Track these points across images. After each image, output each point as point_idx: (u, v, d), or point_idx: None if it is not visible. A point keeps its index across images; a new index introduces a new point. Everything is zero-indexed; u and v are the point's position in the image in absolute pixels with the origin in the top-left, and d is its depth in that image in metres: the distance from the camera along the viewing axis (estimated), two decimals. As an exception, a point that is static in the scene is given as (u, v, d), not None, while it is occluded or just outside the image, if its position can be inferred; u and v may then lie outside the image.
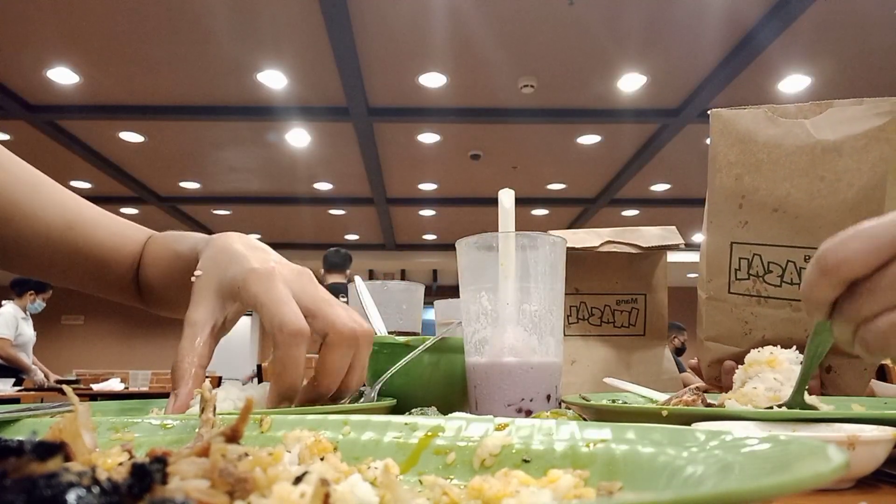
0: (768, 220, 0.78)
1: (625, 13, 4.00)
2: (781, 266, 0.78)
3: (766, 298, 0.79)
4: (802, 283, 0.46)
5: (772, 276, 0.79)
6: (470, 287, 0.65)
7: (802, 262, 0.77)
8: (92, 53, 4.52)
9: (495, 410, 0.61)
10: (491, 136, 6.04)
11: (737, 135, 0.78)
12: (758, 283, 0.80)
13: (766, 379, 0.59)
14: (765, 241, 0.79)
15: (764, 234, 0.79)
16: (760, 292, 0.80)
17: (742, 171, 0.78)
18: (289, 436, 0.35)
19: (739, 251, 0.80)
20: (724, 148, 0.79)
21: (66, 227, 0.77)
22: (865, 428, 0.42)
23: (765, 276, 0.79)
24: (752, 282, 0.80)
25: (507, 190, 0.68)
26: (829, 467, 0.18)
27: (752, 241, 0.79)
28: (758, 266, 0.79)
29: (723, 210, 0.81)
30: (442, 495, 0.26)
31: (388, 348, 0.71)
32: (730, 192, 0.79)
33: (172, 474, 0.21)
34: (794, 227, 0.77)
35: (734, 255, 0.81)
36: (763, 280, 0.79)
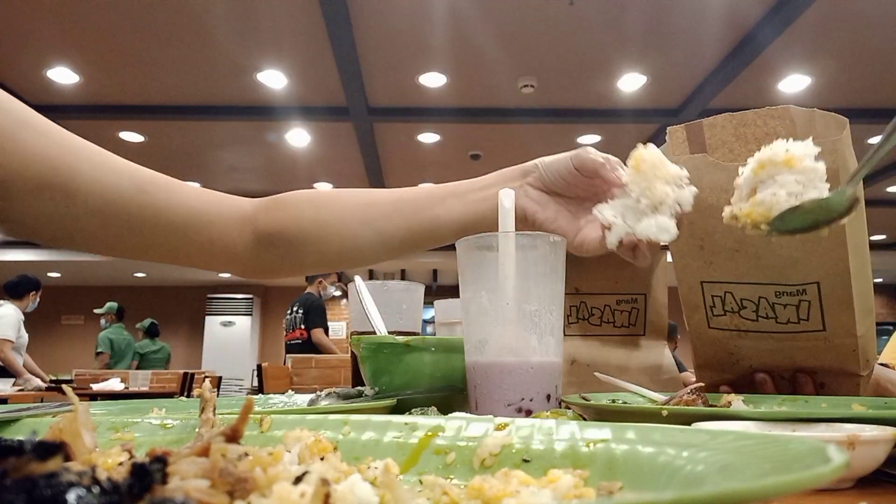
0: (731, 259, 0.76)
1: (625, 13, 4.01)
2: (754, 302, 0.76)
3: (745, 332, 0.78)
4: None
5: (747, 312, 0.77)
6: (470, 287, 0.65)
7: (774, 298, 0.74)
8: (92, 53, 4.52)
9: (495, 410, 0.61)
10: (491, 136, 6.04)
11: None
12: (735, 318, 0.78)
13: (785, 182, 0.53)
14: (732, 280, 0.76)
15: (730, 272, 0.76)
16: (739, 327, 0.78)
17: (695, 217, 0.74)
18: (289, 436, 0.35)
19: (710, 289, 0.78)
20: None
21: (137, 191, 0.74)
22: (865, 428, 0.42)
23: (740, 312, 0.77)
24: (729, 318, 0.78)
25: (507, 190, 0.68)
26: (829, 467, 0.18)
27: (720, 280, 0.77)
28: (731, 303, 0.77)
29: (685, 251, 0.79)
30: (442, 495, 0.26)
31: (388, 348, 0.71)
32: (688, 234, 0.77)
33: (172, 474, 0.21)
34: (757, 266, 0.74)
35: (706, 293, 0.79)
36: (739, 315, 0.77)
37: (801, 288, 0.72)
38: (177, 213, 0.77)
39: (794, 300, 0.73)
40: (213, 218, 0.80)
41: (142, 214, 0.74)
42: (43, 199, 0.69)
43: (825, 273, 0.70)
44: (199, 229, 0.79)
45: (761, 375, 0.79)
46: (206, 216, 0.80)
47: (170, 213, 0.76)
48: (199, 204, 0.79)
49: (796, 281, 0.72)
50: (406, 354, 0.70)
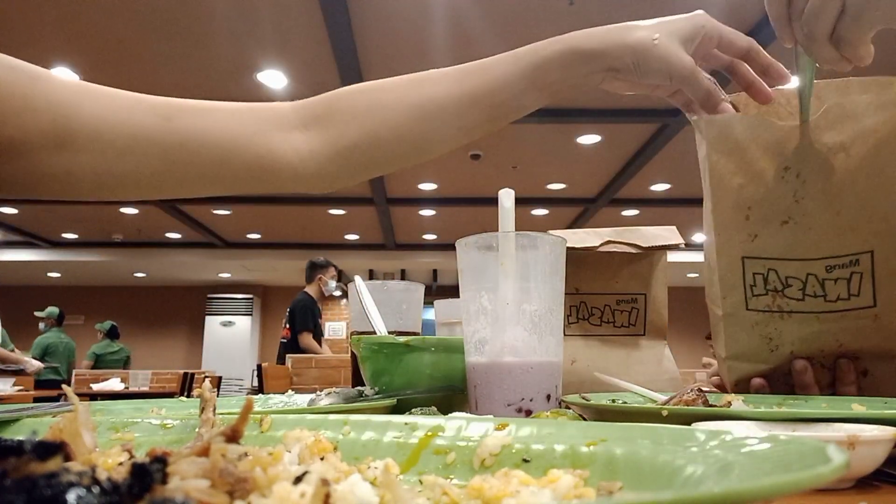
0: (779, 232, 0.71)
1: (625, 13, 4.00)
2: (801, 279, 0.71)
3: (788, 313, 0.72)
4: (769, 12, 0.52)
5: (792, 290, 0.71)
6: (470, 287, 0.65)
7: (825, 273, 0.70)
8: (92, 53, 4.52)
9: (495, 410, 0.61)
10: (491, 136, 6.03)
11: (733, 143, 0.72)
12: (777, 297, 0.72)
13: None
14: (778, 256, 0.71)
15: (776, 246, 0.71)
16: (782, 307, 0.72)
17: (744, 182, 0.71)
18: (289, 436, 0.35)
19: (752, 266, 0.73)
20: (721, 157, 0.72)
21: (163, 119, 0.70)
22: (865, 428, 0.41)
23: (784, 291, 0.72)
24: (770, 297, 0.72)
25: (506, 189, 0.68)
26: (829, 467, 0.18)
27: (765, 256, 0.72)
28: (775, 281, 0.72)
29: (729, 224, 0.73)
30: (442, 495, 0.26)
31: (388, 348, 0.71)
32: (734, 204, 0.72)
33: (172, 474, 0.21)
34: (808, 238, 0.70)
35: (747, 270, 0.73)
36: (783, 294, 0.72)
37: (854, 258, 0.69)
38: (212, 136, 0.72)
39: (845, 273, 0.69)
40: (254, 133, 0.74)
41: (174, 144, 0.70)
42: (68, 152, 0.65)
43: (879, 239, 0.67)
44: (240, 149, 0.73)
45: (801, 362, 0.72)
46: (245, 133, 0.74)
47: (204, 137, 0.72)
48: (234, 123, 0.74)
49: (849, 251, 0.69)
50: (406, 354, 0.70)
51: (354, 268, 10.34)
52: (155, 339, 12.13)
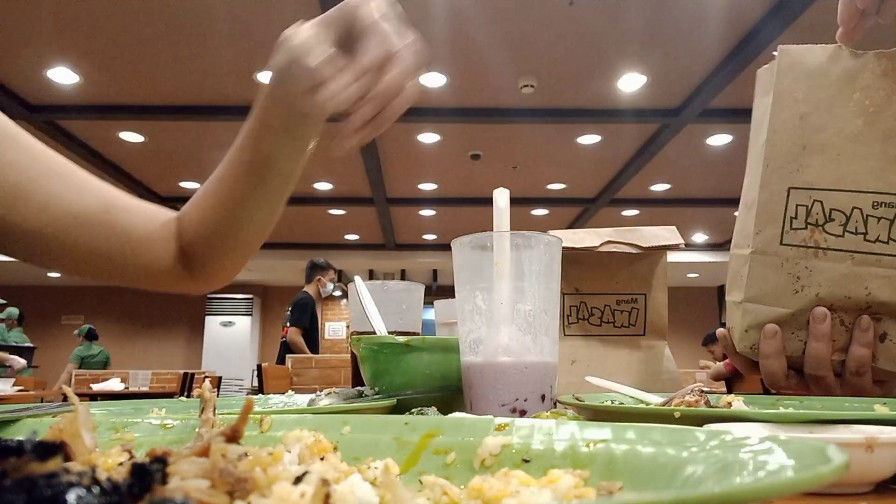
0: (834, 162, 0.71)
1: (625, 13, 4.01)
2: (845, 213, 0.70)
3: (824, 250, 0.71)
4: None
5: (833, 225, 0.71)
6: (465, 287, 0.65)
7: (870, 209, 0.69)
8: (92, 53, 4.52)
9: (490, 410, 0.61)
10: (491, 136, 6.04)
11: (806, 70, 0.72)
12: (816, 232, 0.71)
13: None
14: (828, 186, 0.71)
15: (827, 177, 0.71)
16: (819, 243, 0.71)
17: (809, 110, 0.71)
18: (289, 436, 0.35)
19: (797, 197, 0.72)
20: (789, 84, 0.72)
21: (102, 209, 0.75)
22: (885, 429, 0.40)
23: (825, 225, 0.71)
24: (809, 231, 0.72)
25: (501, 189, 0.68)
26: (829, 467, 0.18)
27: (813, 186, 0.72)
28: (817, 214, 0.71)
29: (782, 153, 0.73)
30: (442, 495, 0.26)
31: (388, 348, 0.71)
32: (792, 133, 0.72)
33: (172, 474, 0.21)
34: (862, 170, 0.70)
35: (791, 201, 0.73)
36: (823, 229, 0.71)
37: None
38: (132, 236, 0.77)
39: (889, 213, 0.69)
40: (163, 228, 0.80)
41: (103, 234, 0.75)
42: (17, 211, 0.70)
43: None
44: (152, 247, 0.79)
45: (821, 310, 0.71)
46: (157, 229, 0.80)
47: (126, 234, 0.77)
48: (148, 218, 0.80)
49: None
50: (406, 354, 0.70)
51: (354, 268, 10.34)
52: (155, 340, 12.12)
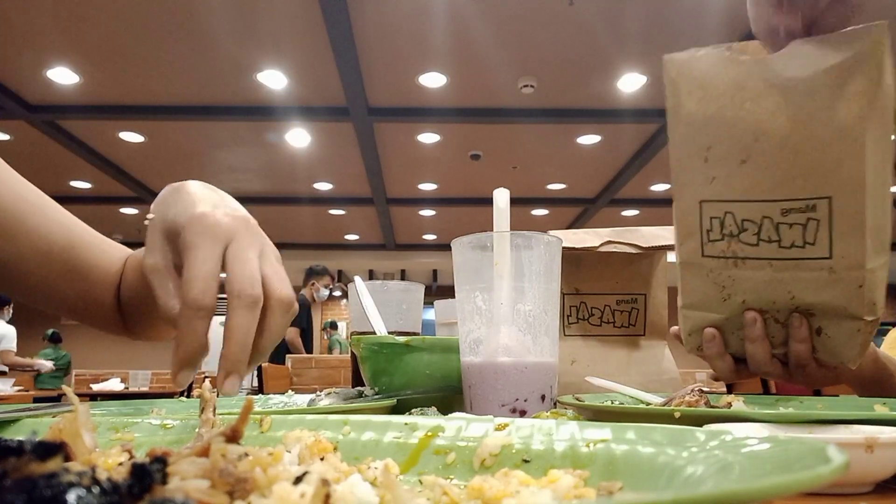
0: (737, 173, 0.70)
1: (625, 13, 4.01)
2: (756, 223, 0.70)
3: (742, 259, 0.71)
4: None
5: (747, 235, 0.70)
6: (465, 287, 0.65)
7: (780, 217, 0.69)
8: (92, 53, 4.52)
9: (490, 410, 0.61)
10: (491, 136, 6.04)
11: (695, 80, 0.71)
12: (733, 243, 0.71)
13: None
14: (736, 198, 0.70)
15: (734, 189, 0.70)
16: (736, 253, 0.71)
17: (704, 122, 0.70)
18: (289, 436, 0.35)
19: (710, 210, 0.72)
20: (682, 96, 0.72)
21: (68, 245, 0.76)
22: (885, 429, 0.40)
23: (740, 235, 0.71)
24: (726, 242, 0.72)
25: (501, 189, 0.68)
26: (829, 468, 0.18)
27: (722, 199, 0.71)
28: (731, 225, 0.71)
29: (688, 166, 0.73)
30: (442, 495, 0.26)
31: (388, 348, 0.71)
32: (693, 145, 0.72)
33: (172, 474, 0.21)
34: (766, 179, 0.69)
35: (704, 214, 0.72)
36: (738, 239, 0.71)
37: (811, 203, 0.67)
38: (89, 274, 0.78)
39: (801, 218, 0.68)
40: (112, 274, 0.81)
41: (64, 270, 0.76)
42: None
43: (838, 187, 0.65)
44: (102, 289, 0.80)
45: (751, 314, 0.72)
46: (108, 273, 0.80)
47: (84, 272, 0.77)
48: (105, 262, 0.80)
49: (806, 194, 0.67)
50: (406, 354, 0.70)
51: (354, 268, 10.34)
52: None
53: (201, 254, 0.49)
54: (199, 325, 0.48)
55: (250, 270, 0.50)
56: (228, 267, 0.50)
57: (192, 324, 0.47)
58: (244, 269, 0.50)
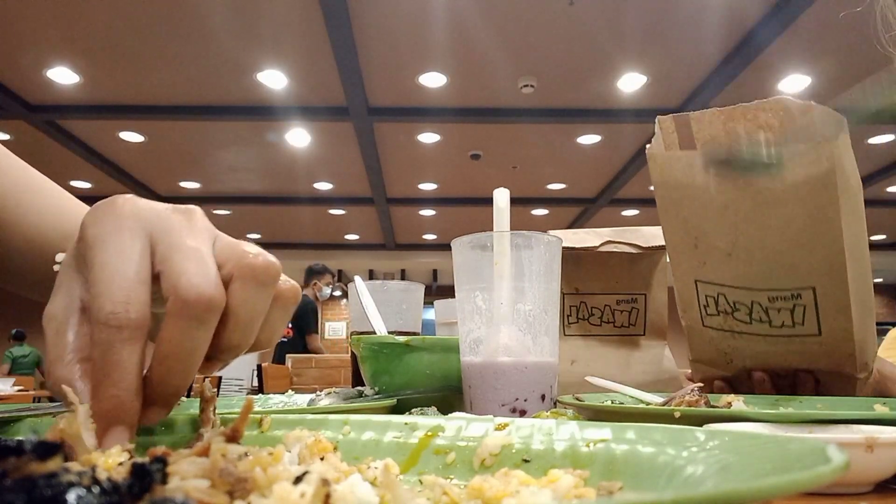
0: (724, 262, 0.73)
1: (625, 13, 4.01)
2: (747, 305, 0.74)
3: (739, 333, 0.76)
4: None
5: (740, 314, 0.75)
6: (465, 287, 0.65)
7: (767, 302, 0.72)
8: (92, 53, 4.52)
9: (490, 410, 0.61)
10: (491, 136, 6.04)
11: (675, 178, 0.74)
12: (728, 319, 0.76)
13: None
14: (726, 283, 0.74)
15: (723, 275, 0.74)
16: (733, 328, 0.76)
17: (689, 214, 0.74)
18: (289, 436, 0.35)
19: (704, 289, 0.76)
20: (667, 190, 0.75)
21: (61, 237, 0.67)
22: (885, 429, 0.40)
23: (733, 314, 0.75)
24: (722, 318, 0.76)
25: (501, 189, 0.68)
26: (829, 467, 0.18)
27: (713, 281, 0.75)
28: (724, 304, 0.75)
29: (680, 250, 0.77)
30: (442, 495, 0.26)
31: (388, 348, 0.71)
32: (683, 233, 0.76)
33: (172, 474, 0.21)
34: (751, 272, 0.72)
35: (700, 292, 0.77)
36: (732, 317, 0.75)
37: (796, 293, 0.70)
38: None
39: (788, 304, 0.71)
40: None
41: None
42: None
43: (821, 277, 0.68)
44: None
45: (759, 374, 0.77)
46: None
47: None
48: None
49: (790, 286, 0.70)
50: (406, 354, 0.70)
51: (354, 268, 10.33)
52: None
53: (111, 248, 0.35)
54: (126, 354, 0.32)
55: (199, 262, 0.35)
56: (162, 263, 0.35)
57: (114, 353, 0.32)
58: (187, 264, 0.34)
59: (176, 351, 0.34)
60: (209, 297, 0.34)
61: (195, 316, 0.33)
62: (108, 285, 0.33)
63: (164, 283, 0.34)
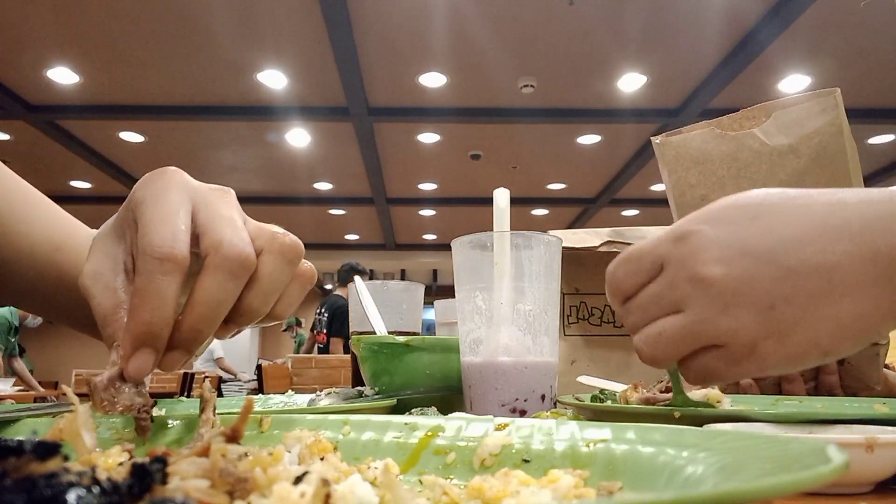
0: None
1: (625, 13, 4.00)
2: None
3: None
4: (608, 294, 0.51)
5: None
6: (465, 287, 0.65)
7: None
8: (92, 53, 4.52)
9: (490, 410, 0.61)
10: (491, 136, 6.04)
11: (691, 158, 0.79)
12: None
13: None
14: None
15: None
16: None
17: (706, 192, 0.79)
18: (289, 436, 0.35)
19: None
20: (682, 173, 0.81)
21: (53, 248, 0.68)
22: (885, 429, 0.40)
23: None
24: None
25: (501, 189, 0.68)
26: (829, 467, 0.18)
27: None
28: None
29: None
30: (442, 495, 0.26)
31: (388, 348, 0.71)
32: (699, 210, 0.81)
33: (172, 474, 0.21)
34: None
35: None
36: None
37: None
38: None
39: None
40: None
41: (51, 274, 0.68)
42: None
43: None
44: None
45: None
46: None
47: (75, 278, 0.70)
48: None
49: None
50: (406, 354, 0.70)
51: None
52: (155, 339, 12.11)
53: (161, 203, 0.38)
54: (165, 285, 0.36)
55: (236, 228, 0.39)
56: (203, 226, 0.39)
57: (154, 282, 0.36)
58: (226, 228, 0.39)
59: (208, 299, 0.37)
60: (246, 256, 0.38)
61: (231, 270, 0.38)
62: (156, 226, 0.37)
63: (205, 241, 0.38)
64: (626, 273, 0.49)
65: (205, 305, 0.37)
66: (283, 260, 0.41)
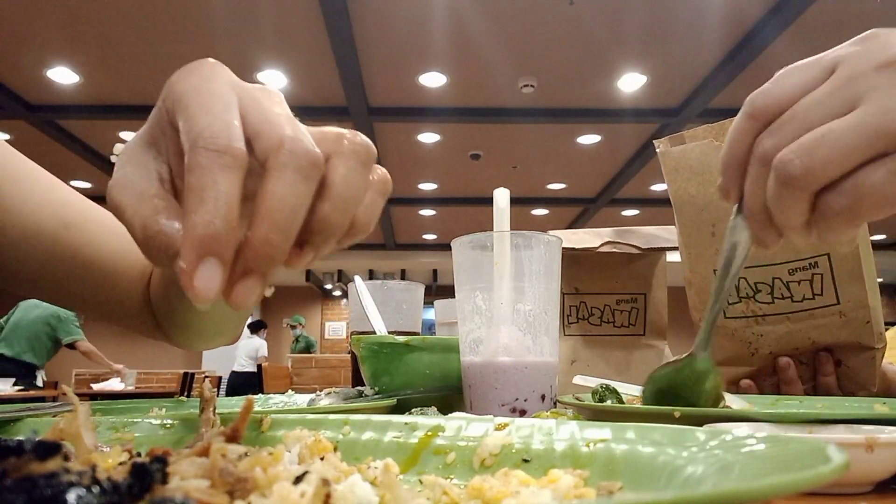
0: None
1: (625, 13, 4.01)
2: (768, 284, 0.79)
3: (762, 317, 0.80)
4: (728, 138, 0.42)
5: (762, 295, 0.80)
6: (465, 286, 0.65)
7: (787, 276, 0.78)
8: (92, 53, 4.52)
9: (490, 410, 0.61)
10: (491, 136, 6.04)
11: (691, 168, 0.80)
12: (750, 303, 0.80)
13: None
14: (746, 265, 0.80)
15: None
16: (755, 312, 0.80)
17: (706, 202, 0.79)
18: (289, 436, 0.35)
19: None
20: (682, 183, 0.81)
21: (61, 225, 0.65)
22: (885, 429, 0.39)
23: (755, 296, 0.80)
24: (744, 304, 0.81)
25: (502, 189, 0.68)
26: (829, 467, 0.18)
27: None
28: (746, 288, 0.80)
29: (698, 241, 0.82)
30: (442, 495, 0.26)
31: (388, 348, 0.71)
32: (699, 224, 0.81)
33: (172, 474, 0.21)
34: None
35: None
36: (754, 300, 0.80)
37: (813, 261, 0.76)
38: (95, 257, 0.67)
39: (807, 275, 0.77)
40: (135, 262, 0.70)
41: (60, 253, 0.65)
42: None
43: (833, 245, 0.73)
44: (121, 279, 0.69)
45: (784, 359, 0.79)
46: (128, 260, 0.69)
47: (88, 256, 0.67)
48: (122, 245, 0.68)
49: (808, 254, 0.76)
50: (406, 354, 0.70)
51: (354, 268, 10.34)
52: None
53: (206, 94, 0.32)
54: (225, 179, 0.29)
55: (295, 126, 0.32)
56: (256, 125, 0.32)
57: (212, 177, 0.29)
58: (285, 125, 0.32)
59: (281, 205, 0.30)
60: (316, 153, 0.31)
61: (300, 168, 0.30)
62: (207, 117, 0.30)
63: (262, 142, 0.31)
64: (783, 87, 0.41)
65: (278, 212, 0.30)
66: (357, 161, 0.34)
